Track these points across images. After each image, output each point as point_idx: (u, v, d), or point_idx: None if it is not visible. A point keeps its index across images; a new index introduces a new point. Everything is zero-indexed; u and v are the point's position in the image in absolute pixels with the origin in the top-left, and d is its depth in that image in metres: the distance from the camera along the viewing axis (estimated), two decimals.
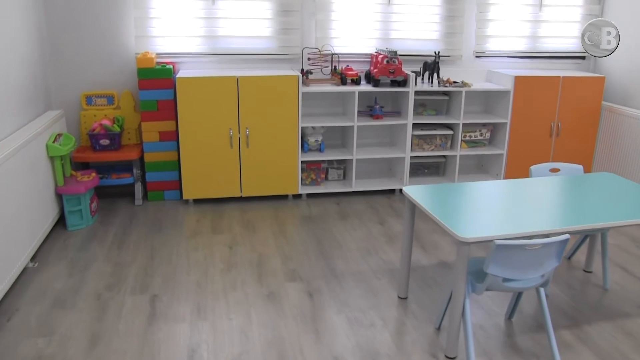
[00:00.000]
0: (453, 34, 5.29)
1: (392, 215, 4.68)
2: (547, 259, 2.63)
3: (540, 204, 3.06)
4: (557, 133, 5.33)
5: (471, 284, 2.77)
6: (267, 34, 4.93)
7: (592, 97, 5.31)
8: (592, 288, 3.63)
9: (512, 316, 3.25)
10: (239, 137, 4.64)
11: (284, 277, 3.58)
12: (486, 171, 5.58)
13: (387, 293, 3.44)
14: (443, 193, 3.18)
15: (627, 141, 5.21)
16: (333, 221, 4.52)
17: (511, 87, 5.08)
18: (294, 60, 5.04)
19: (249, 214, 4.59)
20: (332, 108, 5.19)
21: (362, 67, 5.14)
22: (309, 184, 5.03)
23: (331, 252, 3.97)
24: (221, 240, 4.09)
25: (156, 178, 4.75)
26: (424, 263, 3.86)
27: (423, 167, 5.38)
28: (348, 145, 5.10)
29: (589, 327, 3.17)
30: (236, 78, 4.50)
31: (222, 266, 3.70)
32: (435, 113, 5.26)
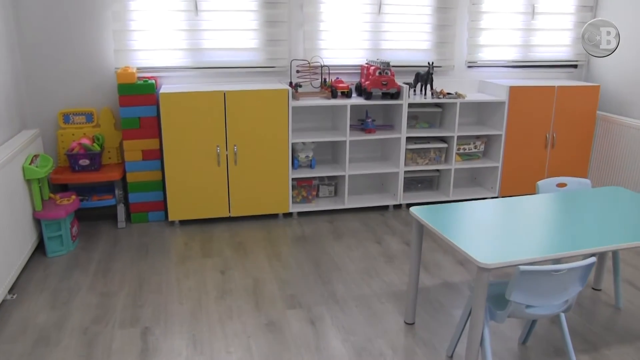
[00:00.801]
0: (444, 44, 5.16)
1: (388, 233, 4.49)
2: (571, 283, 2.46)
3: (556, 224, 2.90)
4: (553, 144, 5.22)
5: (490, 311, 2.60)
6: (253, 45, 4.73)
7: (587, 107, 5.21)
8: (604, 307, 3.48)
9: (527, 341, 3.07)
10: (226, 155, 4.42)
11: (283, 304, 3.37)
12: (480, 184, 5.43)
13: (393, 318, 3.25)
14: (451, 213, 3.01)
15: (622, 151, 5.11)
16: (328, 241, 4.31)
17: (506, 97, 4.95)
18: (281, 72, 4.84)
19: (239, 236, 4.36)
20: (322, 122, 5.01)
21: (353, 79, 4.97)
22: (300, 202, 4.83)
23: (330, 275, 3.77)
24: (212, 265, 3.86)
25: (140, 199, 4.50)
26: (428, 284, 3.68)
27: (416, 182, 5.21)
28: (340, 161, 4.91)
29: (609, 352, 3.01)
30: (223, 93, 4.29)
31: (216, 293, 3.47)
32: (429, 126, 5.11)
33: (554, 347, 3.03)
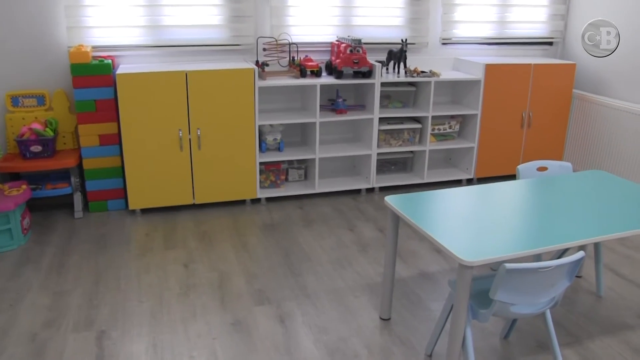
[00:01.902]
0: (418, 20, 4.94)
1: (361, 219, 4.31)
2: (558, 280, 2.30)
3: (540, 214, 2.73)
4: (529, 124, 5.07)
5: (472, 310, 2.43)
6: (216, 22, 4.45)
7: (563, 85, 5.07)
8: (585, 295, 3.36)
9: (509, 336, 2.93)
10: (189, 139, 4.16)
11: (250, 300, 3.16)
12: (456, 165, 5.27)
13: (367, 314, 3.07)
14: (428, 202, 2.82)
15: (598, 130, 5.00)
16: (298, 229, 4.11)
17: (482, 75, 4.77)
18: (247, 51, 4.58)
19: (204, 224, 4.13)
20: (291, 103, 4.77)
21: (323, 57, 4.74)
22: (268, 187, 4.61)
23: (300, 266, 3.57)
24: (175, 258, 3.63)
25: (98, 187, 4.23)
26: (404, 275, 3.51)
27: (389, 164, 5.03)
28: (309, 143, 4.69)
29: (593, 344, 2.89)
30: (184, 73, 4.02)
31: (179, 290, 3.25)
32: (402, 105, 4.91)
33: (537, 342, 2.90)
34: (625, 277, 3.61)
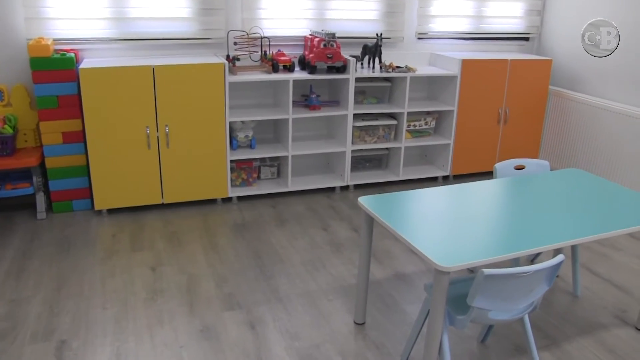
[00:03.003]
0: (394, 14, 4.84)
1: (334, 218, 4.21)
2: (538, 284, 2.23)
3: (519, 215, 2.65)
4: (505, 120, 5.01)
5: (449, 316, 2.35)
6: (185, 15, 4.29)
7: (540, 81, 5.02)
8: (561, 295, 3.31)
9: (486, 340, 2.86)
10: (157, 136, 4.01)
11: (220, 306, 3.04)
12: (431, 162, 5.20)
13: (341, 318, 2.97)
14: (403, 203, 2.72)
15: (574, 126, 4.97)
16: (270, 228, 3.99)
17: (458, 71, 4.69)
18: (218, 45, 4.43)
19: (173, 225, 3.99)
20: (262, 99, 4.63)
21: (296, 51, 4.61)
22: (240, 185, 4.48)
23: (272, 268, 3.46)
24: (142, 260, 3.48)
25: (62, 186, 4.05)
26: (379, 276, 3.42)
27: (364, 161, 4.93)
28: (282, 140, 4.57)
29: (570, 346, 2.84)
30: (152, 68, 3.86)
31: (145, 295, 3.11)
32: (377, 101, 4.81)
33: (514, 345, 2.83)
34: (601, 275, 3.57)
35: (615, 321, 3.08)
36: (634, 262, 3.77)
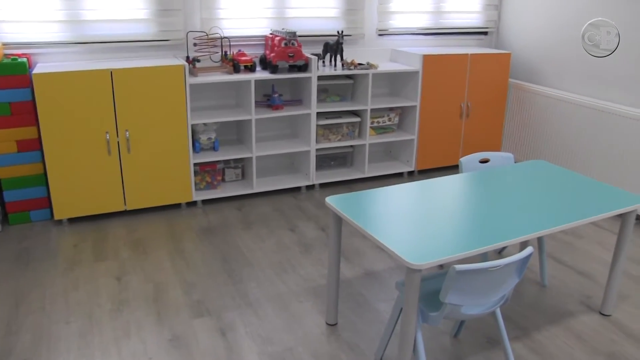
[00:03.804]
0: (354, 11, 4.82)
1: (301, 218, 4.17)
2: (509, 277, 2.23)
3: (486, 209, 2.66)
4: (467, 114, 5.05)
5: (422, 313, 2.34)
6: (142, 16, 4.18)
7: (500, 75, 5.07)
8: (530, 285, 3.35)
9: (459, 334, 2.87)
10: (117, 142, 3.91)
11: (189, 313, 2.97)
12: (396, 158, 5.21)
13: (313, 320, 2.94)
14: (371, 201, 2.70)
15: (534, 118, 5.03)
16: (237, 231, 3.94)
17: (419, 66, 4.70)
18: (177, 46, 4.34)
19: (137, 232, 3.89)
20: (224, 100, 4.56)
21: (256, 51, 4.55)
22: (204, 189, 4.40)
23: (240, 272, 3.40)
24: (107, 270, 3.39)
25: (18, 197, 3.91)
26: (349, 275, 3.40)
27: (329, 159, 4.91)
28: (246, 141, 4.50)
29: (540, 335, 2.87)
30: (109, 71, 3.76)
31: (111, 306, 3.02)
32: (340, 99, 4.79)
33: (487, 338, 2.85)
34: (566, 264, 3.63)
35: (581, 308, 3.14)
36: (596, 249, 3.84)
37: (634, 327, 2.97)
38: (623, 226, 2.91)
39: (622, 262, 2.97)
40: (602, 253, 3.79)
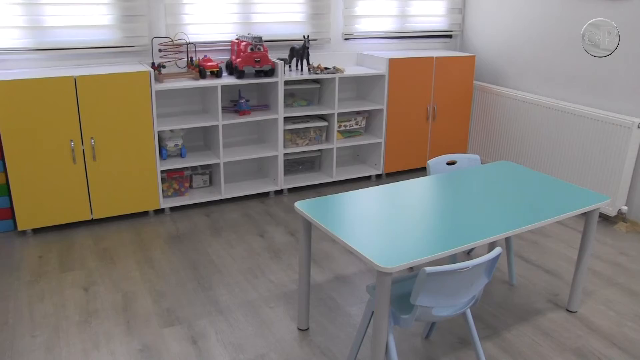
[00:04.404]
0: (320, 15, 4.83)
1: (271, 223, 4.16)
2: (478, 278, 2.26)
3: (454, 210, 2.69)
4: (434, 116, 5.10)
5: (393, 316, 2.35)
6: (106, 22, 4.13)
7: (465, 77, 5.14)
8: (498, 285, 3.39)
9: (430, 335, 2.89)
10: (82, 150, 3.85)
11: (159, 322, 2.94)
12: (364, 162, 5.23)
13: (285, 325, 2.94)
14: (340, 205, 2.71)
15: (499, 119, 5.11)
16: (206, 238, 3.91)
17: (386, 70, 4.74)
18: (142, 52, 4.30)
19: (104, 241, 3.83)
20: (191, 106, 4.53)
21: (222, 56, 4.53)
22: (172, 196, 4.36)
23: (210, 279, 3.38)
24: (73, 281, 3.33)
25: None
26: (319, 280, 3.40)
27: (297, 164, 4.91)
28: (213, 147, 4.48)
29: (509, 334, 2.91)
30: (73, 78, 3.70)
31: (78, 317, 2.97)
32: (307, 103, 4.79)
33: (458, 338, 2.87)
34: (533, 262, 3.69)
35: (548, 305, 3.19)
36: (561, 247, 3.92)
37: (599, 322, 3.04)
38: (587, 224, 2.97)
39: (587, 259, 3.04)
40: (568, 251, 3.86)
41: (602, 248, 3.92)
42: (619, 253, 3.86)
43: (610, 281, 3.48)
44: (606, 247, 3.93)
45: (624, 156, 4.06)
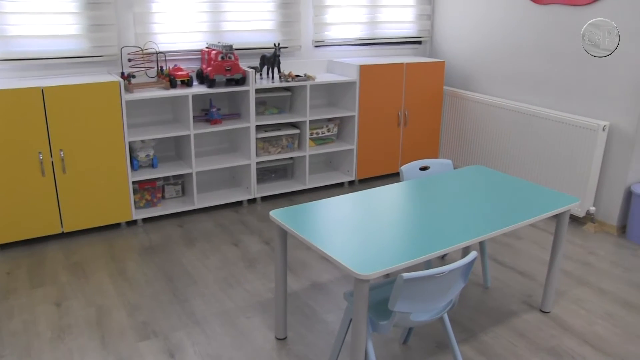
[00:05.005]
0: (290, 23, 4.84)
1: (245, 232, 4.14)
2: (455, 282, 2.28)
3: (428, 215, 2.72)
4: (405, 122, 5.15)
5: (372, 323, 2.36)
6: (74, 32, 4.07)
7: (435, 83, 5.20)
8: (473, 288, 3.43)
9: (408, 340, 2.91)
10: (51, 162, 3.78)
11: (134, 336, 2.90)
12: (336, 168, 5.25)
13: (262, 335, 2.92)
14: (315, 213, 2.71)
15: (469, 124, 5.18)
16: (180, 249, 3.87)
17: (356, 77, 4.76)
18: (111, 62, 4.24)
19: (76, 254, 3.77)
20: (162, 115, 4.49)
21: (193, 65, 4.51)
22: (144, 207, 4.31)
23: (185, 291, 3.34)
24: (45, 297, 3.26)
25: None
26: (295, 288, 3.39)
27: (270, 172, 4.90)
28: (185, 157, 4.44)
29: (486, 336, 2.95)
30: (40, 89, 3.63)
31: (51, 334, 2.91)
32: (278, 111, 4.79)
33: (436, 343, 2.89)
34: (506, 264, 3.74)
35: (523, 307, 3.24)
36: (533, 248, 3.98)
37: (571, 321, 3.09)
38: (559, 226, 3.03)
39: (559, 260, 3.09)
40: (539, 252, 3.93)
41: (572, 248, 4.00)
42: (588, 253, 3.93)
43: (581, 281, 3.55)
44: (576, 247, 4.01)
45: (591, 158, 4.15)
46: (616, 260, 3.84)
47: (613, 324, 3.09)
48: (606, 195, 4.26)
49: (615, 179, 4.18)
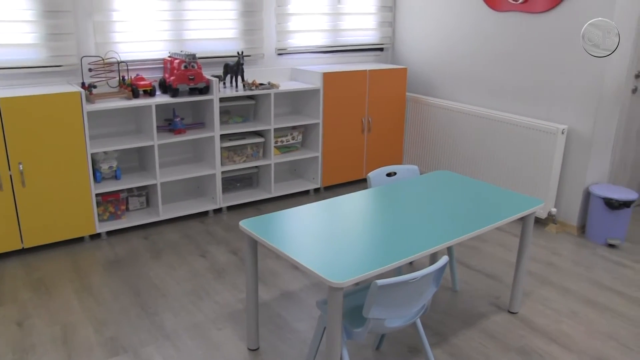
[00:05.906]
0: (253, 31, 4.82)
1: (212, 242, 4.10)
2: (427, 287, 2.30)
3: (398, 221, 2.73)
4: (369, 129, 5.18)
5: (346, 331, 2.36)
6: (31, 41, 3.96)
7: (398, 89, 5.25)
8: (442, 292, 3.47)
9: (381, 346, 2.91)
10: (10, 175, 3.67)
11: (103, 353, 2.83)
12: (302, 176, 5.24)
13: (234, 346, 2.89)
14: (285, 222, 2.70)
15: (431, 129, 5.24)
16: (146, 262, 3.80)
17: (320, 84, 4.78)
18: (70, 72, 4.15)
19: (38, 271, 3.66)
20: (125, 126, 4.41)
21: (155, 75, 4.44)
22: (108, 219, 4.22)
23: (154, 304, 3.28)
24: (5, 316, 3.15)
25: None
26: (266, 298, 3.37)
27: (235, 181, 4.86)
28: (149, 168, 4.37)
29: (457, 339, 2.98)
30: None
31: (12, 356, 2.81)
32: (243, 120, 4.76)
33: (408, 347, 2.91)
34: (474, 267, 3.79)
35: (491, 308, 3.29)
36: (499, 251, 4.04)
37: (538, 321, 3.15)
38: (524, 228, 3.08)
39: (525, 261, 3.15)
40: (505, 254, 3.99)
41: (536, 249, 4.08)
42: (552, 253, 4.02)
43: (545, 281, 3.62)
44: (539, 248, 4.09)
45: (551, 161, 4.25)
46: (577, 259, 3.93)
47: (577, 321, 3.16)
48: (566, 197, 4.36)
49: (575, 180, 4.29)
